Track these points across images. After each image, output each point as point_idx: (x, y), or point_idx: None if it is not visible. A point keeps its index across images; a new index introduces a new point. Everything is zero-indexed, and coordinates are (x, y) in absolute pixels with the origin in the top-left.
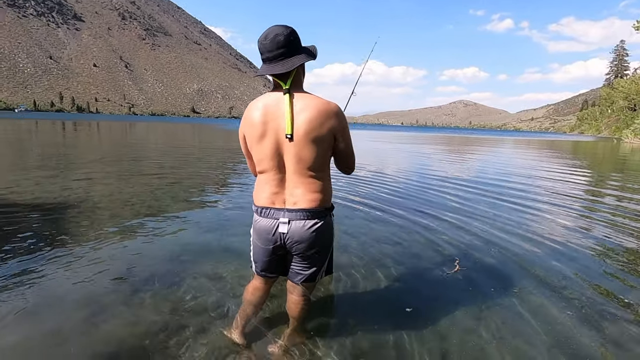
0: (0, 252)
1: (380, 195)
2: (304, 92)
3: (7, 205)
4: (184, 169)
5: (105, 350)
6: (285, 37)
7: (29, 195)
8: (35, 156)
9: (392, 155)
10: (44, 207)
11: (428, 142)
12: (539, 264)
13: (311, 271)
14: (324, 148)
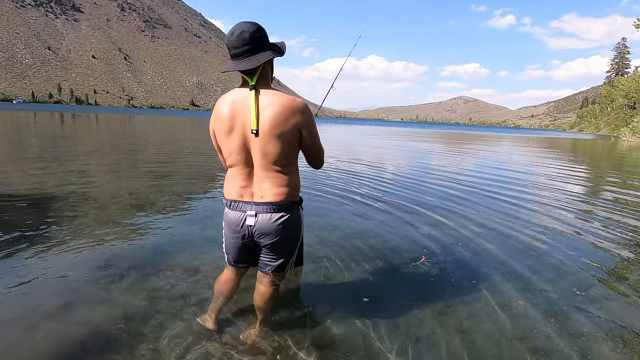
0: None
1: (371, 190)
2: (271, 88)
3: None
4: (177, 162)
5: (77, 334)
6: (251, 34)
7: (17, 186)
8: (29, 148)
9: (388, 152)
10: (31, 198)
11: (426, 138)
12: (515, 259)
13: (279, 262)
14: (289, 143)
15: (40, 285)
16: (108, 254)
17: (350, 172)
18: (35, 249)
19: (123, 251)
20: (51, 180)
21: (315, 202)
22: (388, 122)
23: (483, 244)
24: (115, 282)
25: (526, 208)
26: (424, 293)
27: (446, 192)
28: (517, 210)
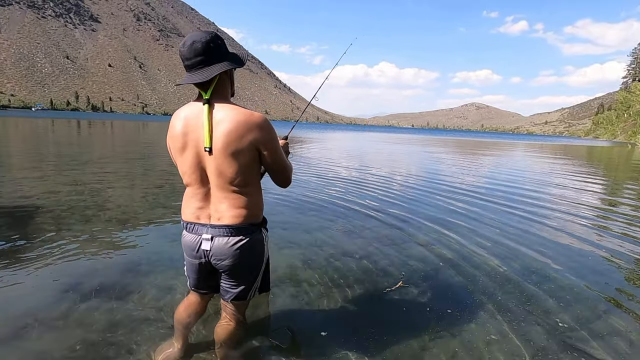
0: None
1: (371, 201)
2: (228, 102)
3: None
4: (174, 171)
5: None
6: (203, 44)
7: (7, 196)
8: (32, 156)
9: (397, 159)
10: (18, 209)
11: (437, 145)
12: (514, 283)
13: (239, 289)
14: (246, 162)
15: (1, 305)
16: (80, 273)
17: (354, 180)
18: (5, 264)
19: (96, 270)
20: (43, 190)
21: (307, 216)
22: (399, 128)
23: (482, 263)
24: (77, 305)
25: (536, 221)
26: (402, 325)
27: (452, 203)
28: (526, 223)
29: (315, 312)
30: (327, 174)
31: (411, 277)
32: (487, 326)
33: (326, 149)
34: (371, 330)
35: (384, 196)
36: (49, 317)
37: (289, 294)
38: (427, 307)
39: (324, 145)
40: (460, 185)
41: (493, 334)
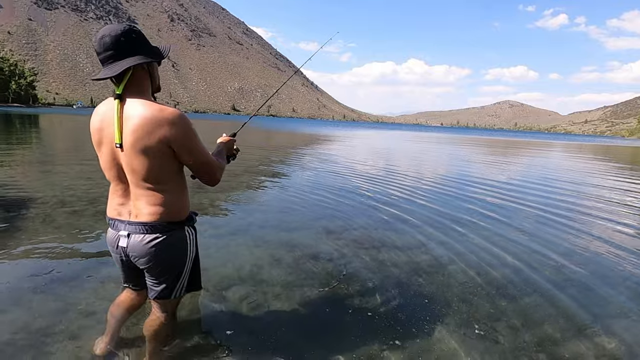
0: None
1: (367, 201)
2: (142, 97)
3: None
4: None
5: None
6: (112, 37)
7: (16, 190)
8: (55, 150)
9: (421, 158)
10: (19, 200)
11: (466, 144)
12: (517, 300)
13: (161, 287)
14: (158, 159)
15: None
16: (45, 262)
17: (365, 175)
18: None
19: (64, 260)
20: (47, 184)
21: (292, 215)
22: (427, 127)
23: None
24: (38, 292)
25: (571, 227)
26: (351, 331)
27: (472, 202)
28: (559, 229)
29: (264, 312)
30: (339, 171)
31: (382, 282)
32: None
33: (344, 147)
34: (316, 336)
35: (390, 196)
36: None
37: (242, 294)
38: (390, 315)
39: (343, 144)
40: (487, 186)
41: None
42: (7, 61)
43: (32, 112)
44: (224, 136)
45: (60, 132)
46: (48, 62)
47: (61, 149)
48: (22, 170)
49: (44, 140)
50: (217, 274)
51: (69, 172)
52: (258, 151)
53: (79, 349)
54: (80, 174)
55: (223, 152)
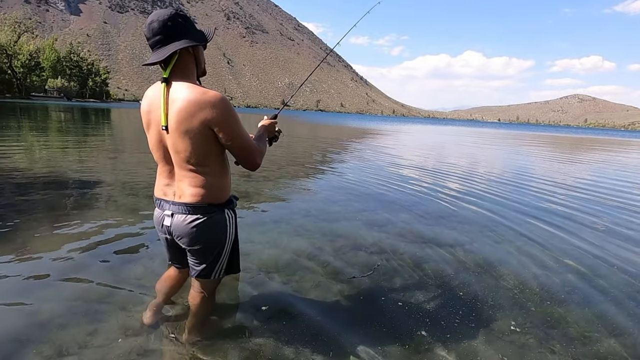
0: None
1: (413, 196)
2: (188, 81)
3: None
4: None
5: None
6: (160, 22)
7: (69, 171)
8: (121, 140)
9: (475, 153)
10: (77, 181)
11: (528, 142)
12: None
13: (201, 267)
14: (200, 141)
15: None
16: (106, 238)
17: (413, 169)
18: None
19: (122, 237)
20: (107, 167)
21: (338, 206)
22: (483, 122)
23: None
24: (97, 264)
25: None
26: (390, 328)
27: (533, 201)
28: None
29: (302, 300)
30: (386, 164)
31: (424, 279)
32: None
33: (392, 141)
34: (352, 328)
35: (439, 190)
36: (62, 272)
37: (281, 280)
38: (431, 312)
39: (391, 137)
40: (550, 185)
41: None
42: (85, 61)
43: (105, 106)
44: (265, 119)
45: (127, 124)
46: (119, 61)
47: (126, 139)
48: (93, 156)
49: (113, 131)
50: (259, 259)
51: (131, 160)
52: (304, 143)
53: (129, 318)
54: (141, 162)
55: (264, 135)
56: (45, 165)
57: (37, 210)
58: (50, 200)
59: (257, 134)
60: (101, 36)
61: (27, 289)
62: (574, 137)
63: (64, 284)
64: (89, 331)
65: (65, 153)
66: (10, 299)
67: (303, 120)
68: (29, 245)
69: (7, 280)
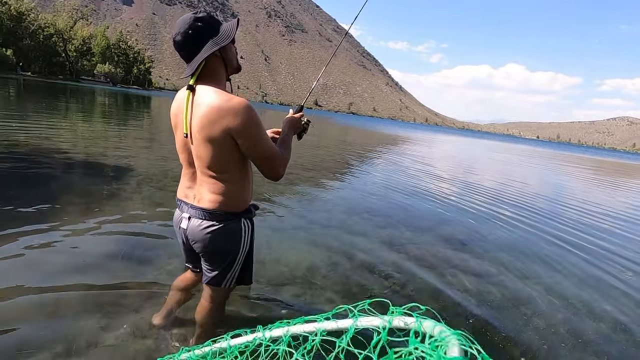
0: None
1: (439, 214)
2: (216, 85)
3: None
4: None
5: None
6: (182, 35)
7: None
8: (158, 130)
9: (512, 171)
10: (104, 166)
11: (580, 166)
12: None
13: (213, 274)
14: (221, 149)
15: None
16: (128, 231)
17: (442, 185)
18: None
19: (142, 233)
20: (141, 156)
21: (359, 219)
22: (520, 139)
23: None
24: (111, 257)
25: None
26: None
27: (570, 232)
28: None
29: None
30: (414, 177)
31: (443, 308)
32: None
33: (426, 153)
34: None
35: (468, 211)
36: (93, 266)
37: (294, 293)
38: None
39: (426, 149)
40: (592, 213)
41: None
42: (132, 49)
43: (147, 94)
44: (290, 112)
45: (165, 114)
46: (163, 51)
47: (163, 129)
48: (129, 144)
49: (152, 120)
50: (274, 269)
51: (162, 152)
52: (332, 146)
53: (140, 318)
54: (172, 155)
55: (289, 136)
56: (83, 147)
57: (65, 193)
58: (80, 185)
59: (282, 137)
60: (149, 26)
61: (39, 278)
62: (627, 163)
63: (80, 277)
64: (99, 329)
65: (103, 137)
66: (19, 282)
67: (334, 122)
68: (49, 232)
69: (17, 268)
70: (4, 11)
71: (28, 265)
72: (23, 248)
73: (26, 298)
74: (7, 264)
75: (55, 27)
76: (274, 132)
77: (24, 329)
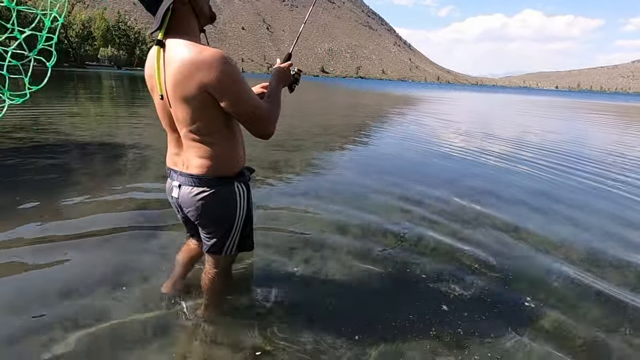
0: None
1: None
2: (186, 37)
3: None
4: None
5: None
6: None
7: (120, 137)
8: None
9: (528, 124)
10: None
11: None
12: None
13: (212, 242)
14: (200, 108)
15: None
16: (136, 206)
17: (455, 141)
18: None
19: (149, 206)
20: (147, 133)
21: (369, 179)
22: (538, 90)
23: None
24: (121, 230)
25: None
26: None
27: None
28: None
29: (323, 280)
30: (425, 136)
31: (457, 270)
32: None
33: (434, 110)
34: (373, 316)
35: (485, 164)
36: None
37: (304, 257)
38: (457, 316)
39: (433, 106)
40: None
41: None
42: (132, 29)
43: None
44: (278, 62)
45: None
46: None
47: None
48: (136, 123)
49: None
50: (283, 235)
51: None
52: (340, 111)
53: (150, 288)
54: None
55: (278, 89)
56: (94, 129)
57: (79, 170)
58: (92, 163)
59: (269, 90)
60: None
61: (50, 252)
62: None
63: (89, 250)
64: (109, 300)
65: (114, 119)
66: (33, 261)
67: (341, 86)
68: (62, 208)
69: (30, 244)
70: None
71: (38, 233)
72: (30, 223)
73: (39, 272)
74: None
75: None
76: (263, 86)
77: (27, 302)
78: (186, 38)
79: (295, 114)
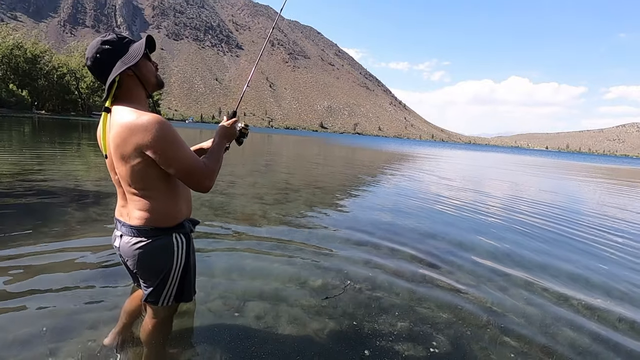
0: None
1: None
2: (130, 105)
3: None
4: (251, 178)
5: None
6: (91, 60)
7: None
8: None
9: (520, 184)
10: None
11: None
12: None
13: (149, 291)
14: (138, 166)
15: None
16: (91, 255)
17: (446, 196)
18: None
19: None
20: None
21: (337, 241)
22: (528, 150)
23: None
24: (75, 277)
25: None
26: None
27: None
28: None
29: (275, 338)
30: (413, 197)
31: (413, 328)
32: None
33: (427, 167)
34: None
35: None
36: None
37: (255, 314)
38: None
39: (426, 163)
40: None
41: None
42: None
43: None
44: (224, 120)
45: None
46: (171, 84)
47: None
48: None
49: None
50: (242, 287)
51: None
52: (327, 166)
53: (93, 339)
54: None
55: (221, 145)
56: (95, 177)
57: (46, 219)
58: (57, 210)
59: (211, 147)
60: (157, 61)
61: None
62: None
63: (38, 298)
64: (49, 350)
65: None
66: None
67: (337, 142)
68: (24, 256)
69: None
70: (20, 54)
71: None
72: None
73: None
74: None
75: (68, 67)
76: (207, 144)
77: None
78: (130, 105)
79: (292, 171)
